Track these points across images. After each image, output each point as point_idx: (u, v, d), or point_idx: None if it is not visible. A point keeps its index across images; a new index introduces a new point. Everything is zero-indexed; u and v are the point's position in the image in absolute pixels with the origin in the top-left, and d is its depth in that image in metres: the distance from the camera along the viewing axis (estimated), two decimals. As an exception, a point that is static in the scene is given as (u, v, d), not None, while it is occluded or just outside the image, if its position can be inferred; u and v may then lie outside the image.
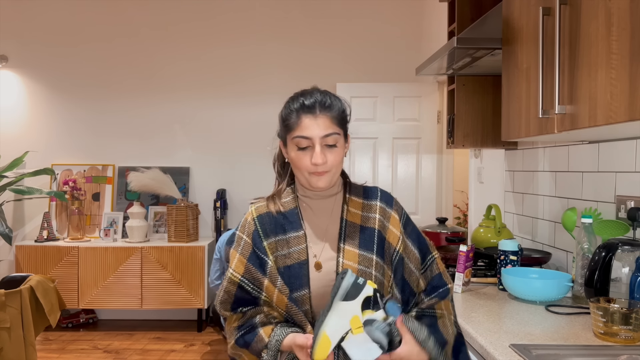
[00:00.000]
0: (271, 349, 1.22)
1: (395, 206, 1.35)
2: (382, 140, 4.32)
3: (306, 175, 1.26)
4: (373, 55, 4.66)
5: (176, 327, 4.52)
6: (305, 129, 1.23)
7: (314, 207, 1.33)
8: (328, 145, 1.24)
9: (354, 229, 1.29)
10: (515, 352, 1.31)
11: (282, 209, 1.31)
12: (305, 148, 1.24)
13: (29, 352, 2.68)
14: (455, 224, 4.23)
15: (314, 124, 1.23)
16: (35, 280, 2.82)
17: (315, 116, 1.23)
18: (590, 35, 1.34)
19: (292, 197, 1.33)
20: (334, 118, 1.25)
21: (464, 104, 2.60)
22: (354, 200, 1.33)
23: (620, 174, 1.81)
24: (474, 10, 2.54)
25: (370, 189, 1.37)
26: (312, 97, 1.26)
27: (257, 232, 1.29)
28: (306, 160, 1.24)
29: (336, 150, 1.25)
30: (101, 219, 4.62)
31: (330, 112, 1.25)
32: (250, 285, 1.27)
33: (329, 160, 1.24)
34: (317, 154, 1.22)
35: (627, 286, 1.56)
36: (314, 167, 1.24)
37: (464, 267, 1.93)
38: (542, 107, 1.57)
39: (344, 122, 1.29)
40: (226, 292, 1.29)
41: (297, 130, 1.24)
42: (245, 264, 1.28)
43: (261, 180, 4.61)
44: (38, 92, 4.74)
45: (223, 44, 4.71)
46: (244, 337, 1.27)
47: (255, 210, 1.33)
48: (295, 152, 1.25)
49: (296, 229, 1.29)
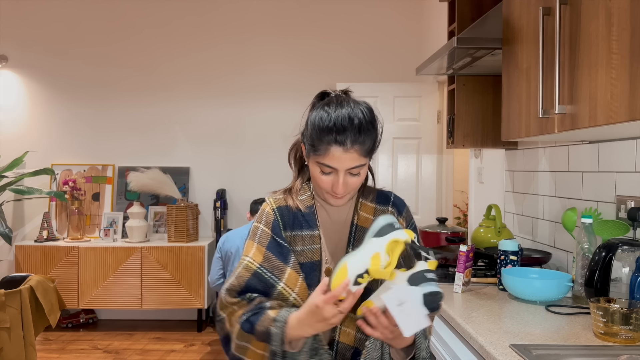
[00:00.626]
0: (279, 321, 1.13)
1: (405, 214, 1.34)
2: (382, 140, 4.31)
3: (324, 193, 1.24)
4: (373, 55, 4.66)
5: (176, 327, 4.52)
6: (332, 161, 1.17)
7: (329, 209, 1.31)
8: (351, 174, 1.20)
9: (364, 235, 1.26)
10: (515, 352, 1.30)
11: (299, 206, 1.28)
12: (329, 173, 1.20)
13: (28, 352, 2.68)
14: (455, 224, 4.23)
15: (342, 157, 1.16)
16: (35, 280, 2.82)
17: (346, 150, 1.16)
18: (590, 35, 1.34)
19: (308, 195, 1.30)
20: (364, 151, 1.18)
21: (464, 104, 2.60)
22: (366, 205, 1.31)
23: (620, 174, 1.81)
24: (474, 10, 2.54)
25: (385, 194, 1.35)
26: (344, 132, 1.15)
27: (277, 222, 1.26)
28: (327, 182, 1.20)
29: (358, 178, 1.22)
30: (101, 219, 4.62)
31: (362, 145, 1.17)
32: (268, 273, 1.22)
33: (349, 186, 1.21)
34: (339, 185, 1.18)
35: (627, 286, 1.56)
36: (333, 192, 1.21)
37: (464, 267, 1.93)
38: (542, 107, 1.57)
39: (374, 145, 1.23)
40: (238, 279, 1.24)
41: (323, 158, 1.17)
42: (264, 253, 1.24)
43: (261, 180, 4.61)
44: (38, 92, 4.74)
45: (223, 44, 4.71)
46: (250, 319, 1.18)
47: (275, 202, 1.30)
48: (317, 173, 1.21)
49: (312, 228, 1.26)
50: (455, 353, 1.64)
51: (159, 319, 4.70)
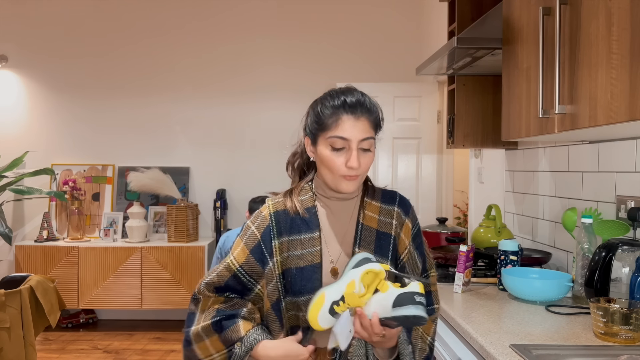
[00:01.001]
0: (245, 344, 1.19)
1: (411, 215, 1.33)
2: (382, 140, 4.29)
3: (337, 177, 1.21)
4: (373, 55, 4.66)
5: (176, 327, 4.51)
6: (345, 130, 1.17)
7: (333, 209, 1.29)
8: (363, 149, 1.20)
9: (370, 234, 1.26)
10: (515, 352, 1.30)
11: (299, 207, 1.26)
12: (341, 149, 1.19)
13: (28, 352, 2.68)
14: (456, 224, 4.23)
15: (354, 125, 1.18)
16: (35, 280, 2.82)
17: (356, 117, 1.18)
18: (590, 35, 1.34)
19: (310, 195, 1.29)
20: (372, 122, 1.21)
21: (464, 103, 2.60)
22: (371, 204, 1.30)
23: (620, 174, 1.81)
24: (474, 10, 2.54)
25: (390, 193, 1.34)
26: (354, 96, 1.20)
27: (270, 228, 1.25)
28: (340, 161, 1.19)
29: (369, 155, 1.22)
30: (101, 219, 4.62)
31: (370, 115, 1.21)
32: (246, 276, 1.25)
33: (362, 164, 1.20)
34: (354, 158, 1.17)
35: (627, 286, 1.56)
36: (347, 170, 1.19)
37: (464, 267, 1.93)
38: (542, 107, 1.57)
39: (379, 124, 1.25)
40: (218, 276, 1.26)
41: (335, 130, 1.18)
42: (247, 255, 1.25)
43: (261, 180, 4.61)
44: (38, 92, 4.74)
45: (222, 44, 4.71)
46: (222, 322, 1.23)
47: (273, 206, 1.28)
48: (328, 152, 1.19)
49: (311, 230, 1.25)
50: (455, 353, 1.64)
51: (159, 319, 4.70)
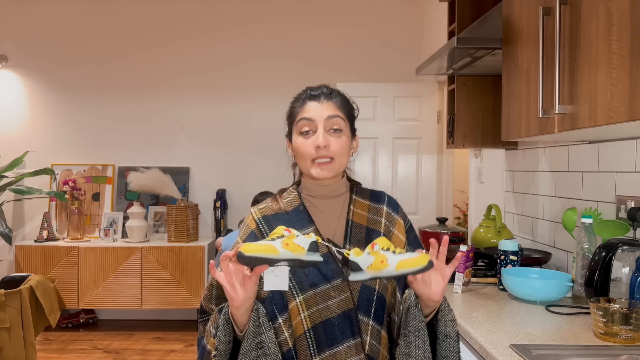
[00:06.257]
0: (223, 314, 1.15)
1: (401, 213, 1.34)
2: (382, 140, 4.32)
3: (309, 163, 1.21)
4: (373, 55, 4.66)
5: (176, 327, 4.52)
6: (308, 111, 1.22)
7: (321, 207, 1.29)
8: (333, 130, 1.21)
9: (360, 231, 1.26)
10: (515, 352, 1.30)
11: (285, 208, 1.27)
12: (309, 132, 1.21)
13: (28, 352, 2.68)
14: (456, 224, 4.24)
15: (318, 106, 1.23)
16: (35, 280, 2.82)
17: (320, 102, 1.23)
18: (590, 35, 1.34)
19: (294, 195, 1.30)
20: (339, 104, 1.25)
21: (464, 104, 2.60)
22: (360, 202, 1.30)
23: (620, 174, 1.81)
24: (474, 10, 2.54)
25: (378, 193, 1.35)
26: (318, 89, 1.27)
27: (254, 233, 1.25)
28: (308, 145, 1.21)
29: (341, 138, 1.22)
30: (101, 219, 4.62)
31: (334, 99, 1.25)
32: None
33: (332, 145, 1.20)
34: (319, 134, 1.19)
35: (627, 286, 1.56)
36: (316, 151, 1.20)
37: (464, 267, 1.93)
38: (542, 107, 1.57)
39: (350, 111, 1.27)
40: (207, 289, 1.29)
41: (300, 114, 1.24)
42: None
43: (261, 180, 4.61)
44: (38, 92, 4.74)
45: (223, 44, 4.71)
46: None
47: (259, 211, 1.29)
48: (299, 139, 1.23)
49: (305, 227, 1.24)
50: (455, 353, 1.64)
51: (159, 319, 4.70)
